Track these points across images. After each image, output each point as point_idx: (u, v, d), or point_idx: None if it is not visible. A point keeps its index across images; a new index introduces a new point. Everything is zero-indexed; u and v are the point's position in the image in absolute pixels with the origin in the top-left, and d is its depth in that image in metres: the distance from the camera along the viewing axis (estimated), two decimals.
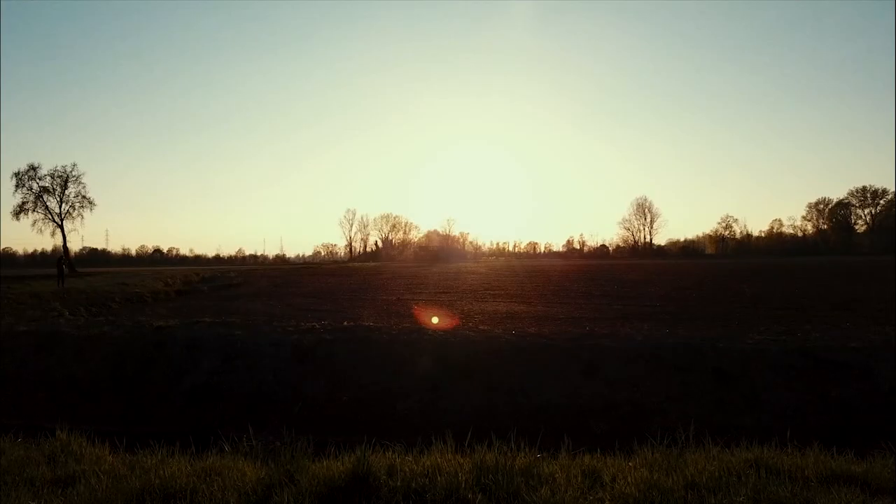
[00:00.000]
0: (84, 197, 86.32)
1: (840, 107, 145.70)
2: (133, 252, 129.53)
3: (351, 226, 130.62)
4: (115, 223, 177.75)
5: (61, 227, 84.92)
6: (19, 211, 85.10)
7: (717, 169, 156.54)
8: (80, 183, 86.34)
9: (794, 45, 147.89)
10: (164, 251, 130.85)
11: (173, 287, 29.44)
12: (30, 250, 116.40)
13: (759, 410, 7.33)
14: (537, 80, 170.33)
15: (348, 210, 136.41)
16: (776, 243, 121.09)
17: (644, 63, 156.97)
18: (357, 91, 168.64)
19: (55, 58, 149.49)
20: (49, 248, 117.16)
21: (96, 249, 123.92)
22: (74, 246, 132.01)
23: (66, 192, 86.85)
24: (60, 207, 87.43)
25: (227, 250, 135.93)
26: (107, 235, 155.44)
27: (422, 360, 8.59)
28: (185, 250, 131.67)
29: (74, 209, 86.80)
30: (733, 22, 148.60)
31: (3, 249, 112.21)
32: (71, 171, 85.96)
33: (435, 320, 12.40)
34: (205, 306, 18.80)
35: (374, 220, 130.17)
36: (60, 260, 44.49)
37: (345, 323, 10.49)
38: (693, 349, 8.35)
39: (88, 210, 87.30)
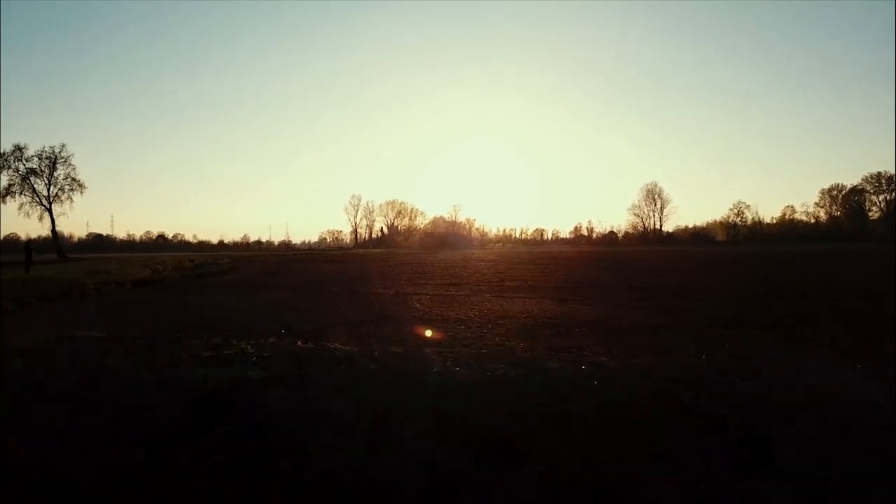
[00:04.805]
0: (73, 179, 79.80)
1: (853, 91, 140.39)
2: (138, 238, 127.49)
3: (356, 212, 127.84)
4: (122, 210, 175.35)
5: (49, 210, 79.14)
6: (5, 194, 78.79)
7: (728, 154, 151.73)
8: (69, 164, 79.65)
9: (807, 30, 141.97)
10: (169, 237, 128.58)
11: (151, 275, 25.66)
12: (33, 235, 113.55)
13: None
14: (545, 68, 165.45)
15: (353, 196, 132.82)
16: (788, 230, 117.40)
17: (653, 50, 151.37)
18: (364, 79, 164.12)
19: (61, 45, 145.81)
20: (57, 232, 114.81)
21: (101, 235, 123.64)
22: (79, 231, 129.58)
23: (55, 173, 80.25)
24: (49, 190, 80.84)
25: (234, 236, 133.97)
26: (112, 221, 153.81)
27: (421, 420, 4.77)
28: (191, 237, 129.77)
29: (64, 192, 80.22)
30: (744, 7, 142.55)
31: (8, 235, 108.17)
32: (59, 152, 79.41)
33: (440, 334, 8.58)
34: (150, 302, 15.01)
35: (380, 206, 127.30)
36: (29, 245, 41.40)
37: (299, 343, 6.61)
38: None
39: (78, 193, 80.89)
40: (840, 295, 14.22)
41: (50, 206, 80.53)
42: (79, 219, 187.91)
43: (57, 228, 80.00)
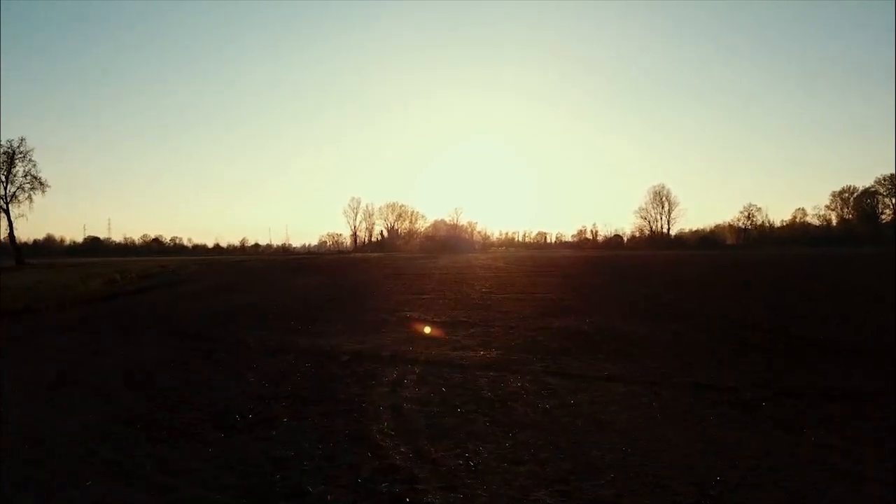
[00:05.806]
0: (34, 177, 69.13)
1: (854, 92, 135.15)
2: (136, 241, 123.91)
3: (356, 214, 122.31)
4: (121, 211, 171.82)
5: (6, 211, 68.65)
6: None
7: (729, 155, 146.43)
8: (29, 161, 68.85)
9: (807, 30, 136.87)
10: (166, 241, 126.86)
11: (107, 287, 19.31)
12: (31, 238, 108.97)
13: None
14: (545, 68, 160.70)
15: (353, 198, 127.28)
16: (799, 233, 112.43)
17: (653, 50, 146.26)
18: (364, 79, 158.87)
19: (61, 45, 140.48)
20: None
21: (98, 238, 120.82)
22: (76, 234, 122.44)
23: (13, 170, 69.09)
24: (6, 189, 69.52)
25: (233, 239, 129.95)
26: (109, 224, 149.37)
27: None
28: (186, 240, 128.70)
29: (23, 191, 69.28)
30: (744, 7, 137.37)
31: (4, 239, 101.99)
32: (18, 147, 68.78)
33: None
34: None
35: (380, 209, 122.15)
36: None
37: None
38: None
39: (40, 192, 70.34)
40: None
41: (7, 206, 71.13)
42: (76, 221, 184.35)
43: (15, 231, 71.22)
